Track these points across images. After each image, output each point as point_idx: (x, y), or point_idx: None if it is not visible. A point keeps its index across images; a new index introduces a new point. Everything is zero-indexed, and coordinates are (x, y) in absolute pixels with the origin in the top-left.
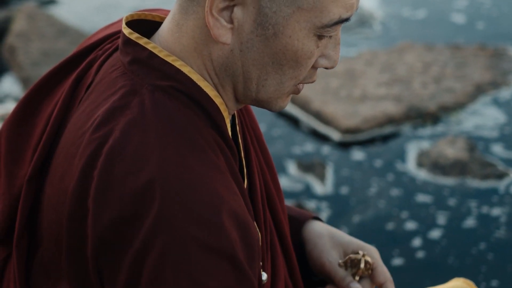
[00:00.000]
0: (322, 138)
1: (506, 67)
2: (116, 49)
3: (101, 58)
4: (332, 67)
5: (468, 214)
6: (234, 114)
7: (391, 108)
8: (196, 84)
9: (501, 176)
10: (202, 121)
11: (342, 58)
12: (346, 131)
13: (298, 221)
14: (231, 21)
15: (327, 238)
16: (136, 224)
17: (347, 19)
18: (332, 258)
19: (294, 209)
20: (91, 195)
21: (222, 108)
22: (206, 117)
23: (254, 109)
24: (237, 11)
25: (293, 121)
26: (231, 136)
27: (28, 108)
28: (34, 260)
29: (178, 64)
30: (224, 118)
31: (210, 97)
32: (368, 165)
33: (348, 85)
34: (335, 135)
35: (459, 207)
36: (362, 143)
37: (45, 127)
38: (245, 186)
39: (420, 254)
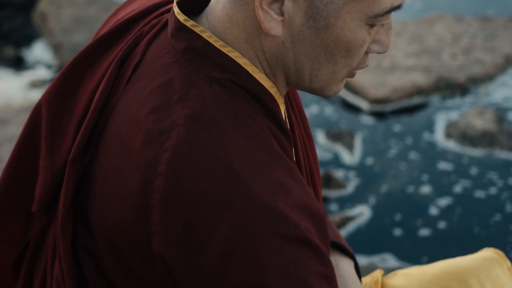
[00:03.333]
0: (351, 107)
1: None
2: (163, 27)
3: (148, 36)
4: (384, 52)
5: (495, 185)
6: None
7: (420, 78)
8: (252, 76)
9: None
10: (258, 112)
11: None
12: (375, 101)
13: None
14: (281, 13)
15: None
16: (213, 227)
17: (398, 7)
18: None
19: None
20: (158, 192)
21: (277, 96)
22: (262, 108)
23: None
24: (288, 4)
25: None
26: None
27: (69, 80)
28: (79, 245)
29: (234, 55)
30: (279, 106)
31: (266, 89)
32: (396, 135)
33: (377, 56)
34: (364, 105)
35: (486, 178)
36: (391, 113)
37: (88, 103)
38: None
39: (447, 225)
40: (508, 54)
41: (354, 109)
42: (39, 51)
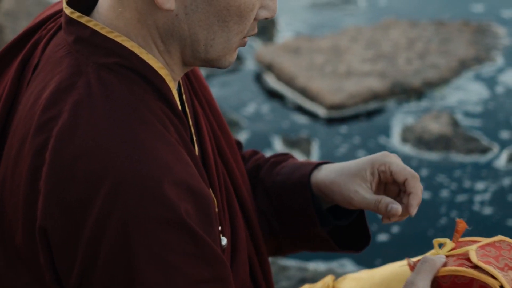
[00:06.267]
0: (307, 114)
1: (489, 42)
2: (60, 28)
3: (46, 38)
4: (272, 17)
5: (451, 187)
6: (180, 83)
7: (376, 84)
8: (140, 57)
9: (484, 150)
10: (149, 94)
11: (327, 34)
12: (331, 107)
13: (303, 181)
14: None
15: (338, 182)
16: (88, 205)
17: None
18: (353, 194)
19: (294, 168)
20: (43, 178)
21: (168, 79)
22: (153, 90)
23: (232, 80)
24: None
25: (279, 97)
26: (179, 105)
27: None
28: None
29: (120, 39)
30: (170, 88)
31: (154, 69)
32: (353, 141)
33: (333, 61)
34: (321, 111)
35: (443, 181)
36: (347, 119)
37: None
38: (197, 153)
39: (400, 229)
40: (462, 57)
41: (310, 115)
42: None
